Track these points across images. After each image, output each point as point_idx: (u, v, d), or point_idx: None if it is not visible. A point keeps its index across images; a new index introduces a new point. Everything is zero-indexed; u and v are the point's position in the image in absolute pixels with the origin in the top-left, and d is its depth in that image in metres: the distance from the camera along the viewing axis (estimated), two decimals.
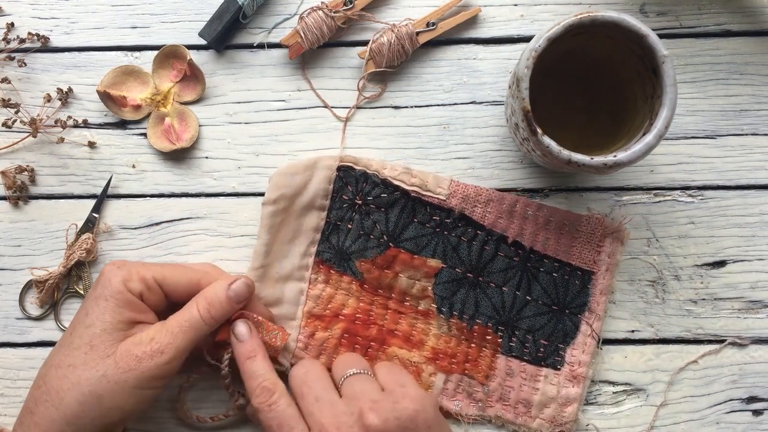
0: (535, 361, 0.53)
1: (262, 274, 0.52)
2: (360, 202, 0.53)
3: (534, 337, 0.53)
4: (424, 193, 0.53)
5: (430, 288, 0.53)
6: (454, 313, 0.53)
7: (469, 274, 0.53)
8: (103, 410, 0.45)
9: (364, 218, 0.53)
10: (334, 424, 0.45)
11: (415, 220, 0.53)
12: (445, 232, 0.53)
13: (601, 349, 0.54)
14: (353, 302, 0.53)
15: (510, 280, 0.53)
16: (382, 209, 0.53)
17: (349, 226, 0.53)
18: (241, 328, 0.49)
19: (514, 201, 0.53)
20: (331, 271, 0.53)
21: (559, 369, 0.53)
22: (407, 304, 0.54)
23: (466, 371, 0.53)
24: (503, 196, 0.53)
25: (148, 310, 0.48)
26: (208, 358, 0.51)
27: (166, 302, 0.50)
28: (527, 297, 0.53)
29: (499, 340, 0.53)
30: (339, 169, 0.53)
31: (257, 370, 0.48)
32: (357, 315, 0.53)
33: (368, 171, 0.53)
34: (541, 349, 0.53)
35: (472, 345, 0.53)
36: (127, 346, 0.46)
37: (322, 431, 0.45)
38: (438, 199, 0.53)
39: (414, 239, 0.53)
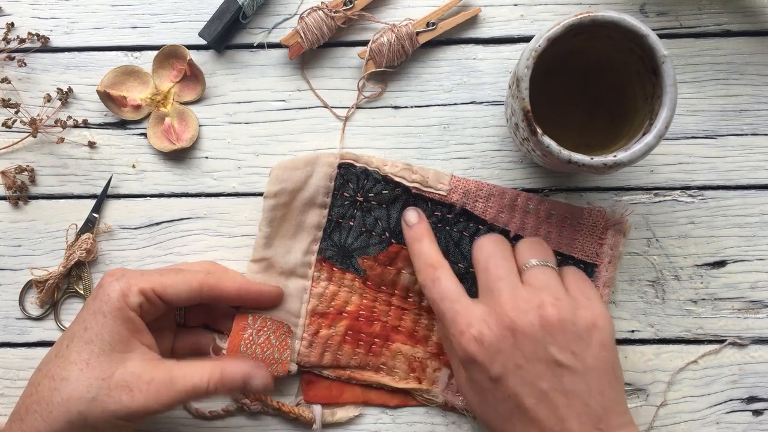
0: None
1: (265, 266, 0.52)
2: (361, 199, 0.53)
3: None
4: (425, 189, 0.53)
5: None
6: None
7: (471, 269, 0.53)
8: (86, 430, 0.45)
9: (365, 215, 0.53)
10: (512, 307, 0.44)
11: None
12: (447, 228, 0.53)
13: None
14: (356, 299, 0.53)
15: None
16: (384, 206, 0.53)
17: (351, 223, 0.53)
18: (411, 215, 0.52)
19: (515, 195, 0.53)
20: (334, 269, 0.53)
21: None
22: (410, 300, 0.54)
23: None
24: (504, 191, 0.53)
25: (145, 330, 0.48)
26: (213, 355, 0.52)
27: (166, 309, 0.49)
28: None
29: None
30: (340, 166, 0.53)
31: (423, 249, 0.50)
32: (360, 312, 0.53)
33: (369, 168, 0.53)
34: None
35: None
36: (125, 375, 0.45)
37: (498, 310, 0.45)
38: (439, 194, 0.53)
39: None
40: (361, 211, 0.53)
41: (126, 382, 0.45)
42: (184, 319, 0.53)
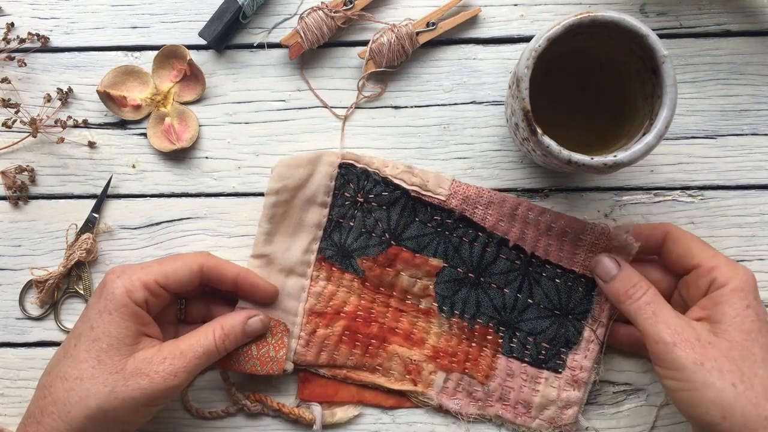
0: (535, 363, 0.53)
1: (265, 263, 0.52)
2: (361, 199, 0.53)
3: (535, 340, 0.52)
4: (424, 193, 0.53)
5: (431, 286, 0.53)
6: (455, 312, 0.53)
7: (470, 274, 0.53)
8: (108, 424, 0.46)
9: (365, 216, 0.53)
10: None
11: (417, 219, 0.53)
12: (447, 233, 0.53)
13: (604, 354, 0.53)
14: (354, 300, 0.53)
15: (511, 282, 0.53)
16: (384, 207, 0.53)
17: (351, 223, 0.53)
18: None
19: (515, 204, 0.53)
20: (333, 269, 0.53)
21: (560, 372, 0.52)
22: (408, 302, 0.54)
23: (467, 370, 0.53)
24: (504, 199, 0.53)
25: (152, 322, 0.48)
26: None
27: (170, 298, 0.50)
28: (529, 300, 0.53)
29: (500, 341, 0.53)
30: (341, 166, 0.53)
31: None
32: (358, 313, 0.53)
33: (369, 169, 0.53)
34: (543, 352, 0.52)
35: (473, 344, 0.53)
36: (137, 363, 0.46)
37: None
38: (438, 199, 0.53)
39: (415, 238, 0.53)
40: (362, 211, 0.53)
41: (139, 369, 0.46)
42: (184, 315, 0.53)
